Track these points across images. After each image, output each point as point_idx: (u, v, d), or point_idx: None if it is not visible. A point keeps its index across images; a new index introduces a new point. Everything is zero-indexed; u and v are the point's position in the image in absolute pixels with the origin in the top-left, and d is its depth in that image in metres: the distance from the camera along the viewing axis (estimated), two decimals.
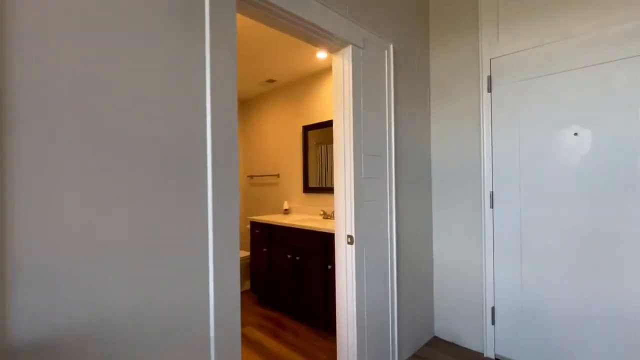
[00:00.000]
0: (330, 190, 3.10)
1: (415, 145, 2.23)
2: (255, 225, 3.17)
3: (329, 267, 2.37)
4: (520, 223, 1.98)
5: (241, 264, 3.46)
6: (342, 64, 1.76)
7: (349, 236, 1.74)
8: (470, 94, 2.21)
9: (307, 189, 3.35)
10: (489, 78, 2.11)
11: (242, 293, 3.48)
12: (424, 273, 2.30)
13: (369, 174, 1.83)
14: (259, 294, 3.11)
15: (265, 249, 3.01)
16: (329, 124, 3.11)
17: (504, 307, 2.05)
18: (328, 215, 3.01)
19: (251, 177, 4.19)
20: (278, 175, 3.76)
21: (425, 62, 2.38)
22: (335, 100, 1.79)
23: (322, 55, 2.81)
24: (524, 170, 1.96)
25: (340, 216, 1.78)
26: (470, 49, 2.21)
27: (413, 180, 2.20)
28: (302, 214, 3.39)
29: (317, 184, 3.24)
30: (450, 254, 2.31)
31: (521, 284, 1.98)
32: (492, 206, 2.10)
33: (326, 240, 2.42)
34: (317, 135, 3.24)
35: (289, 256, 2.71)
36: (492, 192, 2.10)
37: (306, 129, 3.36)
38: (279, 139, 3.76)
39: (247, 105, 4.32)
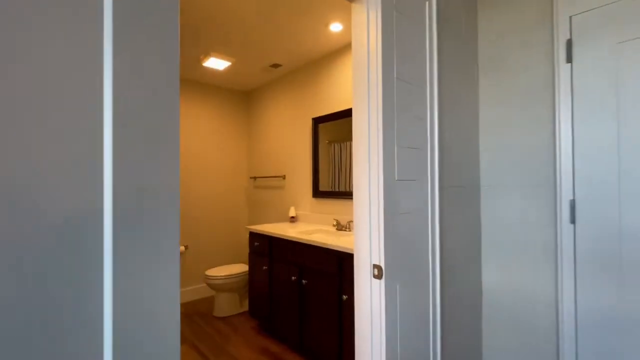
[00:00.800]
0: (345, 195, 2.55)
1: (461, 136, 1.66)
2: (254, 236, 2.65)
3: (345, 297, 1.81)
4: (619, 239, 1.38)
5: (240, 281, 2.94)
6: (366, 16, 1.21)
7: (376, 266, 1.18)
8: (536, 66, 1.63)
9: (318, 193, 2.80)
10: (569, 42, 1.51)
11: (240, 315, 2.95)
12: (469, 304, 1.71)
13: (405, 174, 1.27)
14: (259, 319, 2.58)
15: (265, 267, 2.48)
16: (343, 114, 2.57)
17: (592, 345, 1.45)
18: (343, 227, 2.45)
19: (254, 178, 3.68)
20: (284, 177, 3.24)
21: (472, 26, 1.81)
22: (356, 70, 1.25)
23: (336, 27, 2.27)
24: (628, 168, 1.36)
25: (362, 235, 1.23)
26: (536, 6, 1.63)
27: (459, 183, 1.63)
28: (311, 224, 2.85)
29: (330, 187, 2.70)
30: (507, 279, 1.71)
31: (625, 316, 1.38)
32: (573, 220, 1.50)
33: (341, 261, 1.87)
34: (330, 129, 2.70)
35: (293, 278, 2.17)
36: (574, 200, 1.50)
37: (317, 121, 2.83)
38: (285, 135, 3.24)
39: (250, 97, 3.82)
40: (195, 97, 3.42)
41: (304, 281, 2.09)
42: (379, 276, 1.18)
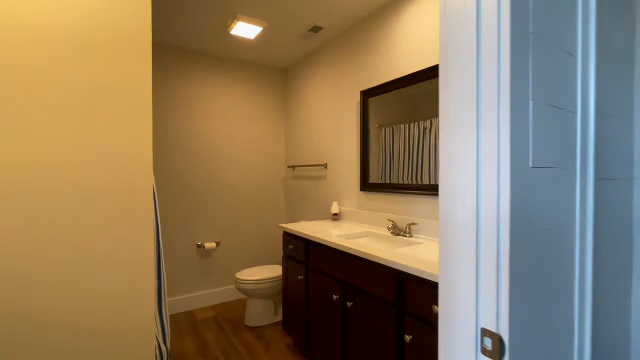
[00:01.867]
0: (404, 189, 1.95)
1: (616, 97, 0.98)
2: (289, 237, 2.18)
3: (408, 338, 1.26)
4: None
5: (274, 286, 2.52)
6: None
7: (489, 334, 0.61)
8: None
9: (367, 185, 2.24)
10: None
11: (273, 326, 2.54)
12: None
13: (545, 158, 0.67)
14: (293, 335, 2.13)
15: (301, 277, 2.01)
16: (406, 80, 1.95)
17: None
18: (401, 231, 1.87)
19: (293, 167, 3.22)
20: (325, 166, 2.72)
21: None
22: None
23: None
24: None
25: (458, 272, 0.67)
26: None
27: (613, 174, 0.96)
28: (358, 224, 2.30)
29: (382, 179, 2.12)
30: None
31: None
32: None
33: (401, 284, 1.31)
34: (384, 104, 2.10)
35: (335, 297, 1.66)
36: None
37: (366, 95, 2.24)
38: (327, 115, 2.70)
39: (287, 75, 3.34)
40: (223, 74, 3.02)
41: (349, 303, 1.57)
42: (494, 354, 0.61)
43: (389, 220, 1.96)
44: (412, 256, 1.38)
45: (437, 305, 1.14)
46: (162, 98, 2.73)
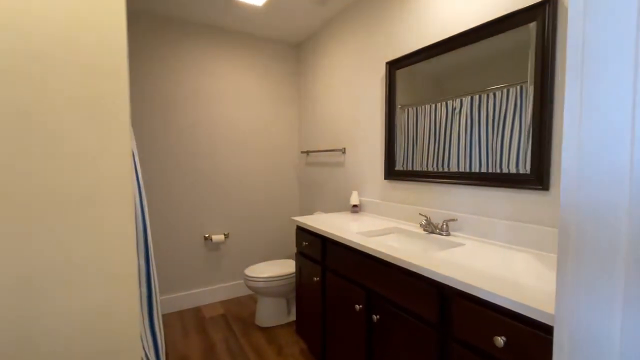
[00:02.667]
0: (437, 177, 1.64)
1: None
2: (302, 232, 1.92)
3: None
4: None
5: (286, 284, 2.28)
6: None
7: None
8: None
9: (392, 173, 1.93)
10: None
11: (286, 327, 2.32)
12: None
13: None
14: (307, 340, 1.90)
15: (317, 278, 1.75)
16: (437, 48, 1.60)
17: None
18: (436, 228, 1.57)
19: (307, 153, 2.92)
20: (343, 151, 2.42)
21: None
22: None
23: None
24: None
25: (600, 294, 0.37)
26: None
27: None
28: (382, 217, 2.01)
29: (411, 165, 1.81)
30: None
31: None
32: None
33: (445, 301, 1.03)
34: (408, 80, 1.76)
35: (358, 307, 1.39)
36: None
37: (393, 66, 1.90)
38: (346, 93, 2.38)
39: (300, 50, 3.00)
40: (227, 49, 2.71)
41: (375, 316, 1.30)
42: None
43: (420, 214, 1.65)
44: (458, 263, 1.09)
45: (500, 336, 0.85)
46: (156, 77, 2.46)
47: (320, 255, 1.71)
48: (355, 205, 2.17)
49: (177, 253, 2.58)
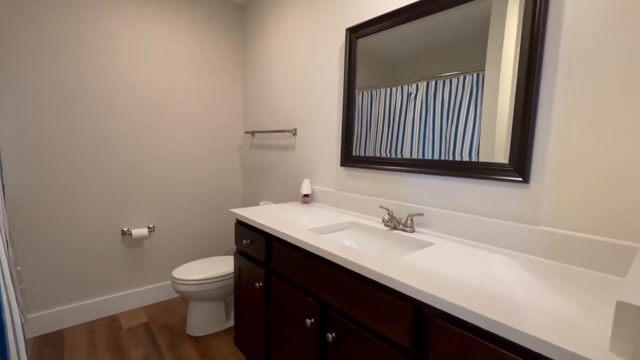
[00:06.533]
0: (402, 165, 1.42)
1: None
2: (243, 227, 1.59)
3: None
4: None
5: (224, 286, 1.95)
6: None
7: None
8: None
9: (350, 159, 1.69)
10: None
11: (223, 335, 2.00)
12: None
13: None
14: (247, 354, 1.61)
15: (259, 283, 1.45)
16: (414, 10, 1.36)
17: None
18: (400, 223, 1.36)
19: (252, 134, 2.55)
20: (294, 132, 2.11)
21: None
22: None
23: None
24: None
25: None
26: None
27: None
28: (337, 209, 1.77)
29: (372, 150, 1.58)
30: None
31: None
32: None
33: (419, 320, 0.81)
34: (370, 56, 1.51)
35: (309, 322, 1.13)
36: None
37: (354, 34, 1.63)
38: (299, 65, 2.05)
39: (244, 12, 2.57)
40: (158, 12, 2.20)
41: (329, 335, 1.05)
42: None
43: (381, 207, 1.43)
44: (432, 271, 0.88)
45: None
46: (41, 21, 1.87)
47: (264, 256, 1.41)
48: (306, 195, 1.89)
49: (86, 252, 2.07)
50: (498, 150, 1.13)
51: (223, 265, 2.02)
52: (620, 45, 0.87)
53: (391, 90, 1.47)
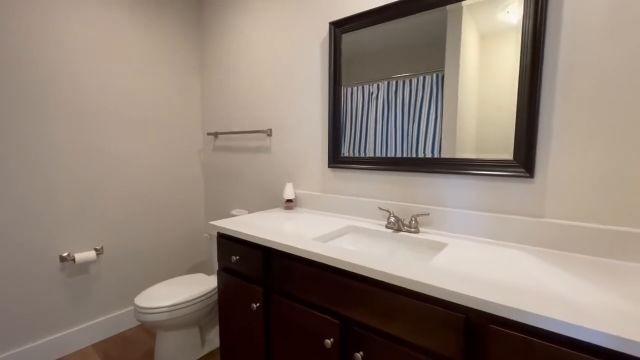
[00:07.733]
0: (403, 165, 1.39)
1: None
2: (229, 242, 1.40)
3: None
4: None
5: (200, 309, 1.72)
6: None
7: None
8: None
9: (339, 159, 1.61)
10: None
11: None
12: None
13: None
14: None
15: (257, 304, 1.29)
16: (405, 7, 1.33)
17: None
18: (405, 225, 1.32)
19: (215, 135, 2.31)
20: (269, 133, 1.96)
21: None
22: None
23: None
24: None
25: None
26: None
27: None
28: (325, 213, 1.67)
29: (356, 151, 1.52)
30: None
31: None
32: None
33: (472, 331, 0.76)
34: (365, 37, 1.45)
35: (329, 342, 1.03)
36: None
37: (339, 29, 1.55)
38: (272, 58, 1.90)
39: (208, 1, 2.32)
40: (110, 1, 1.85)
41: (359, 354, 0.96)
42: None
43: (380, 208, 1.38)
44: (467, 274, 0.84)
45: None
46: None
47: (261, 272, 1.26)
48: (289, 200, 1.76)
49: (13, 289, 1.65)
50: (460, 146, 1.21)
51: (196, 285, 1.78)
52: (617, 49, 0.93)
53: (354, 89, 1.49)
